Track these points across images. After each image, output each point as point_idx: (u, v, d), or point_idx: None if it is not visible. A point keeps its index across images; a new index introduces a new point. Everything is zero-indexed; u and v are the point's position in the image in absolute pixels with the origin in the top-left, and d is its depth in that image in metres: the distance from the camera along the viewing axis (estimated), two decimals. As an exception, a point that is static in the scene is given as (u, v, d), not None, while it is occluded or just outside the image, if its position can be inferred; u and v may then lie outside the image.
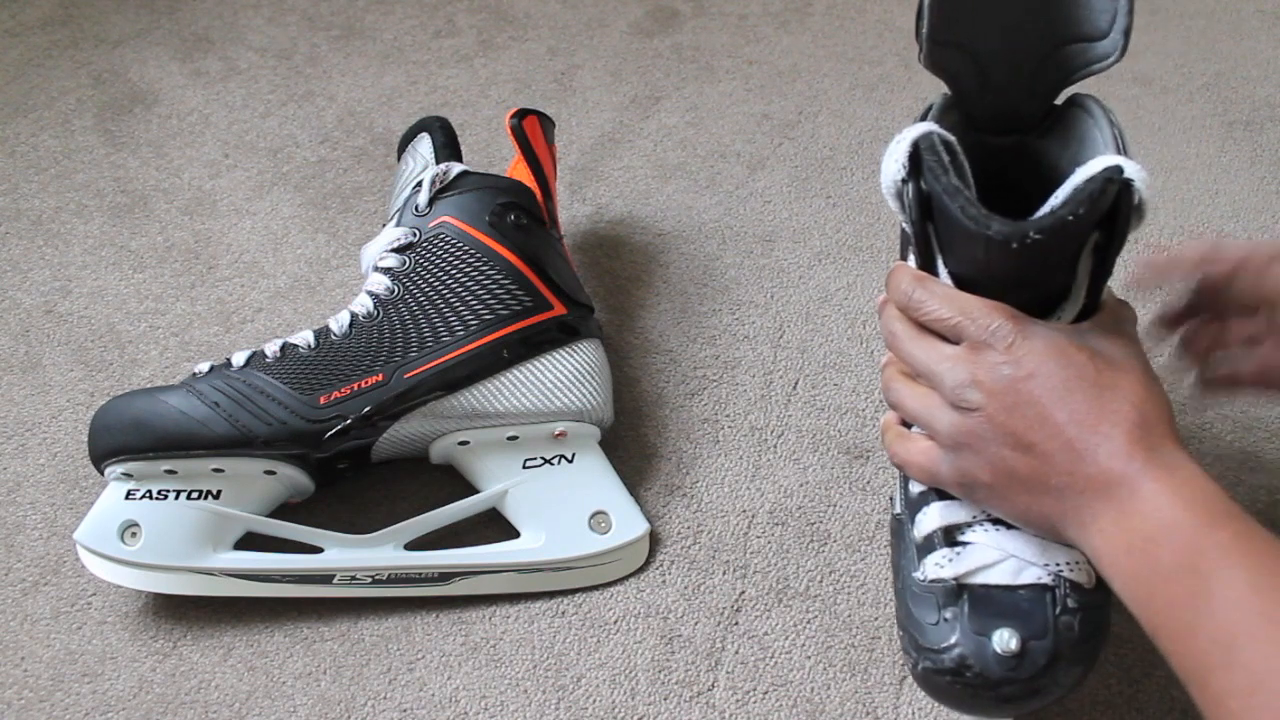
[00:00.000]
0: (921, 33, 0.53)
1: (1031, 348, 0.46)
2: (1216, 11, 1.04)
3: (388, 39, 1.04)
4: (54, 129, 0.95)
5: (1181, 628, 0.42)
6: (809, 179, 0.89)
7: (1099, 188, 0.45)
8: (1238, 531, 0.42)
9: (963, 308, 0.48)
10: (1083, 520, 0.46)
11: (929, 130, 0.49)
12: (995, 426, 0.47)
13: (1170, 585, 0.42)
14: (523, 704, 0.61)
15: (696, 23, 1.05)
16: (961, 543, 0.51)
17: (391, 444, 0.66)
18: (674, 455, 0.71)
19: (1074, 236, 0.47)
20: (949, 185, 0.47)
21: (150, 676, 0.62)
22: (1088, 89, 0.55)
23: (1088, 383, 0.46)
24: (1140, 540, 0.43)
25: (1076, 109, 0.54)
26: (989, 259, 0.47)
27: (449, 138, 0.74)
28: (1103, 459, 0.45)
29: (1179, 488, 0.44)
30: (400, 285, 0.68)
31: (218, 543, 0.63)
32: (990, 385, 0.47)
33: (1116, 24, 0.51)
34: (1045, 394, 0.46)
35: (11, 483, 0.71)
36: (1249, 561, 0.41)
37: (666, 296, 0.81)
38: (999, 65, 0.54)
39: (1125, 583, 0.45)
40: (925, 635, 0.51)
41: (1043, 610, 0.49)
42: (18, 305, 0.82)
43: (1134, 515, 0.44)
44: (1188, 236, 0.83)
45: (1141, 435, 0.45)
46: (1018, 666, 0.48)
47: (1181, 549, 0.42)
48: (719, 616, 0.64)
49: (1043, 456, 0.46)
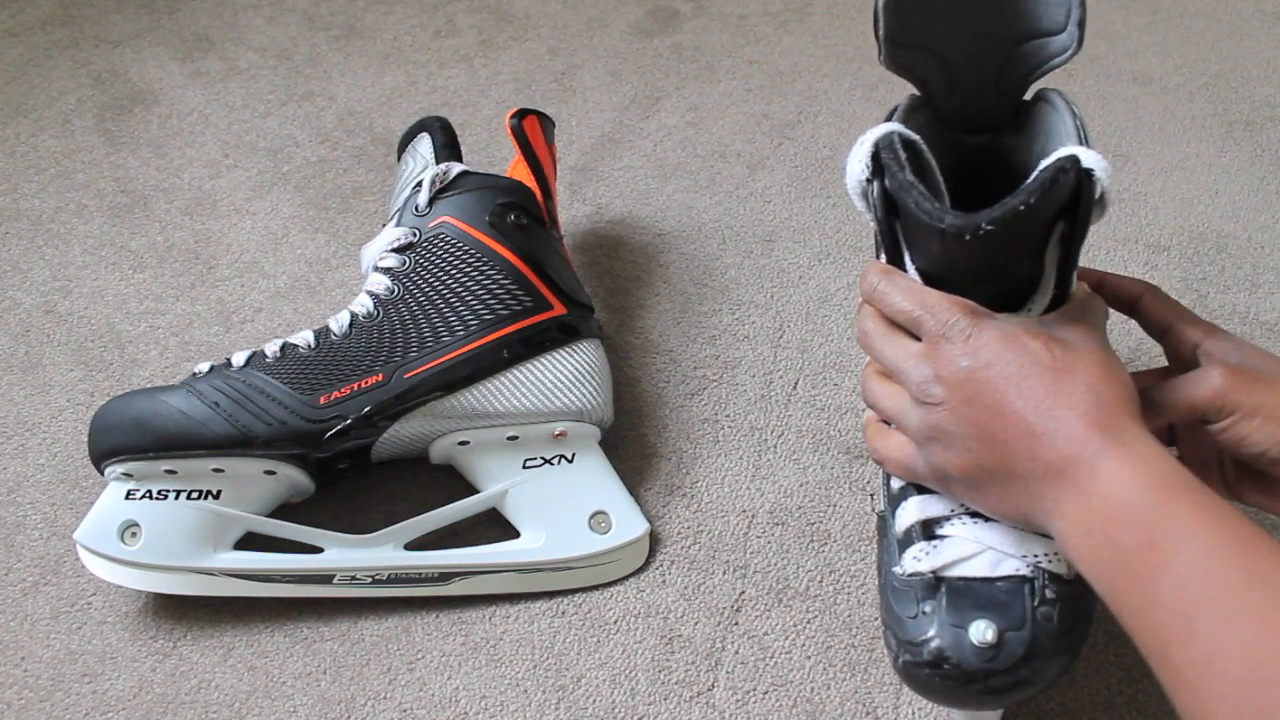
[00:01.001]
0: (879, 34, 0.54)
1: (987, 339, 0.47)
2: (1216, 11, 1.04)
3: (388, 39, 1.04)
4: (54, 129, 0.95)
5: (1143, 603, 0.42)
6: (809, 179, 0.89)
7: (1050, 177, 0.45)
8: (1196, 504, 0.42)
9: (923, 301, 0.49)
10: (1046, 506, 0.46)
11: (889, 130, 0.50)
12: (958, 419, 0.48)
13: (1131, 562, 0.43)
14: (523, 704, 0.61)
15: (696, 23, 1.05)
16: (939, 536, 0.52)
17: (391, 444, 0.66)
18: (674, 455, 0.71)
19: (1030, 227, 0.47)
20: (904, 181, 0.48)
21: (150, 676, 0.62)
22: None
23: (1043, 368, 0.46)
24: (1100, 520, 0.44)
25: (1042, 103, 0.55)
26: (947, 252, 0.48)
27: (449, 138, 0.74)
28: (1060, 443, 0.45)
29: (1135, 465, 0.44)
30: (400, 285, 0.68)
31: (218, 543, 0.63)
32: (950, 378, 0.48)
33: (1071, 17, 0.52)
34: (1002, 382, 0.46)
35: (11, 483, 0.71)
36: (1206, 532, 0.41)
37: (666, 296, 0.81)
38: (964, 65, 0.55)
39: (1088, 564, 0.45)
40: (904, 629, 0.51)
41: (1021, 601, 0.49)
42: (18, 305, 0.82)
43: (1093, 496, 0.44)
44: (1188, 237, 0.83)
45: (1098, 416, 0.45)
46: (995, 658, 0.48)
47: (1140, 526, 0.42)
48: (719, 616, 0.64)
49: (1005, 445, 0.46)
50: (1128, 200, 0.86)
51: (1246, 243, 0.83)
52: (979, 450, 0.47)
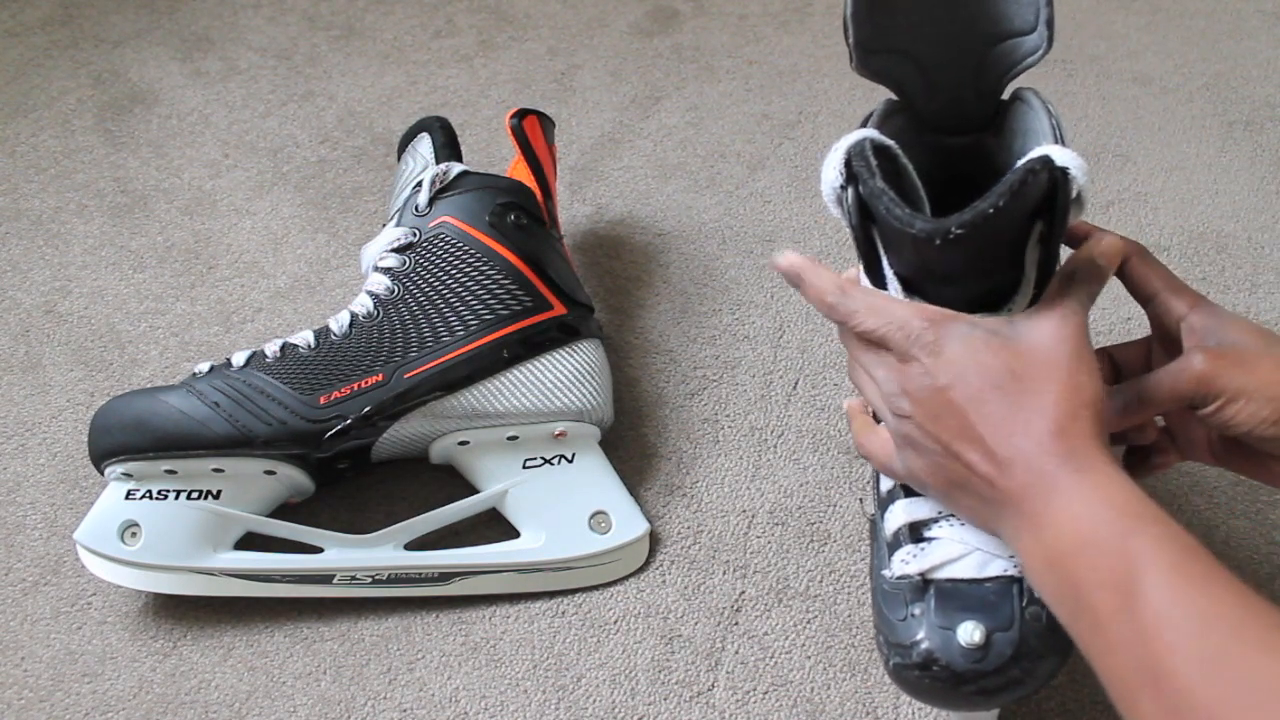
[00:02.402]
0: (849, 41, 0.54)
1: (950, 357, 0.46)
2: (1216, 11, 1.04)
3: (388, 39, 1.04)
4: (54, 129, 0.95)
5: (1106, 645, 0.41)
6: (809, 179, 0.89)
7: (1019, 179, 0.45)
8: (1153, 538, 0.41)
9: (884, 318, 0.48)
10: (1008, 532, 0.46)
11: (861, 137, 0.50)
12: (925, 435, 0.47)
13: (1091, 603, 0.41)
14: (523, 704, 0.61)
15: (696, 23, 1.05)
16: (926, 539, 0.52)
17: (391, 444, 0.66)
18: (674, 455, 0.71)
19: (1003, 229, 0.47)
20: (874, 188, 0.48)
21: (150, 676, 0.62)
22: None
23: (1003, 390, 0.45)
24: (1057, 555, 0.43)
25: (1018, 103, 0.55)
26: (921, 257, 0.48)
27: (449, 138, 0.74)
28: (1019, 473, 0.44)
29: (1090, 495, 0.43)
30: (400, 285, 0.68)
31: (218, 543, 0.63)
32: (915, 395, 0.47)
33: (1040, 16, 0.52)
34: (964, 404, 0.46)
35: (11, 483, 0.71)
36: (1171, 571, 0.40)
37: (666, 296, 0.81)
38: (940, 68, 0.55)
39: (1050, 599, 0.44)
40: (894, 632, 0.51)
41: (1009, 602, 0.49)
42: (18, 305, 0.82)
43: (1048, 528, 0.43)
44: (1188, 237, 0.83)
45: (1055, 442, 0.44)
46: (983, 659, 0.48)
47: (1100, 562, 0.41)
48: (719, 616, 0.64)
49: (969, 466, 0.46)
50: (1128, 200, 0.86)
51: (1246, 243, 0.83)
52: (947, 465, 0.47)
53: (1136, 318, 0.78)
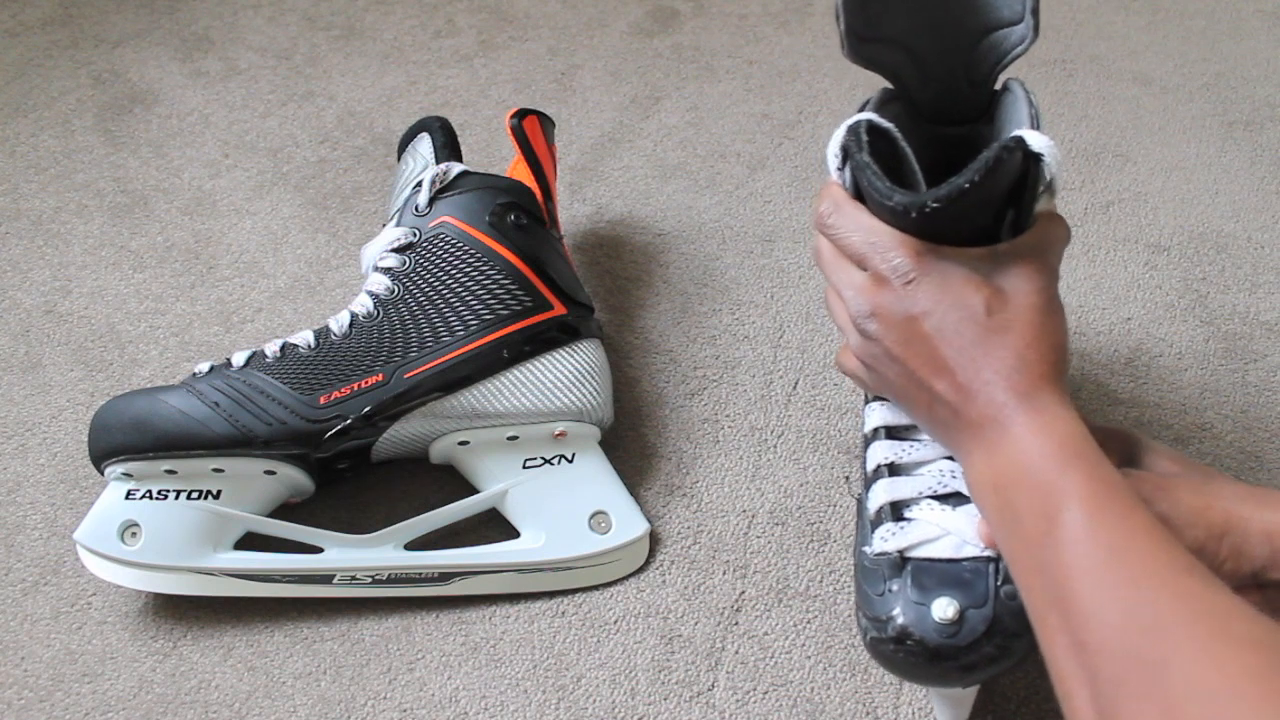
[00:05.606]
0: (840, 29, 0.55)
1: (928, 286, 0.48)
2: (1216, 11, 1.04)
3: (388, 39, 1.04)
4: (54, 129, 0.95)
5: (1027, 567, 0.44)
6: (809, 179, 0.89)
7: (994, 156, 0.46)
8: (1085, 474, 0.44)
9: (870, 238, 0.50)
10: (962, 454, 0.49)
11: (860, 119, 0.51)
12: (892, 358, 0.49)
13: (1024, 526, 0.44)
14: (523, 704, 0.61)
15: (696, 23, 1.05)
16: (907, 518, 0.53)
17: (391, 444, 0.66)
18: (674, 455, 0.71)
19: (977, 205, 0.48)
20: (859, 161, 0.49)
21: (150, 676, 0.62)
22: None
23: (977, 325, 0.47)
24: (1003, 480, 0.46)
25: (1005, 93, 0.56)
26: (901, 229, 0.49)
27: (449, 138, 0.74)
28: (982, 404, 0.47)
29: (1041, 430, 0.45)
30: (400, 285, 0.68)
31: (218, 543, 0.63)
32: (886, 319, 0.49)
33: (1025, 5, 0.54)
34: (936, 334, 0.48)
35: (11, 483, 0.71)
36: (1092, 505, 0.43)
37: (666, 296, 0.81)
38: (933, 59, 0.56)
39: (991, 521, 0.47)
40: (872, 606, 0.52)
41: (984, 580, 0.50)
42: (18, 305, 0.82)
43: (999, 456, 0.46)
44: (1188, 237, 0.83)
45: (1019, 380, 0.46)
46: (956, 634, 0.49)
47: (1035, 493, 0.44)
48: (719, 616, 0.64)
49: (932, 393, 0.48)
50: (1128, 200, 0.86)
51: (1246, 243, 0.83)
52: (910, 389, 0.49)
53: (1136, 318, 0.78)
